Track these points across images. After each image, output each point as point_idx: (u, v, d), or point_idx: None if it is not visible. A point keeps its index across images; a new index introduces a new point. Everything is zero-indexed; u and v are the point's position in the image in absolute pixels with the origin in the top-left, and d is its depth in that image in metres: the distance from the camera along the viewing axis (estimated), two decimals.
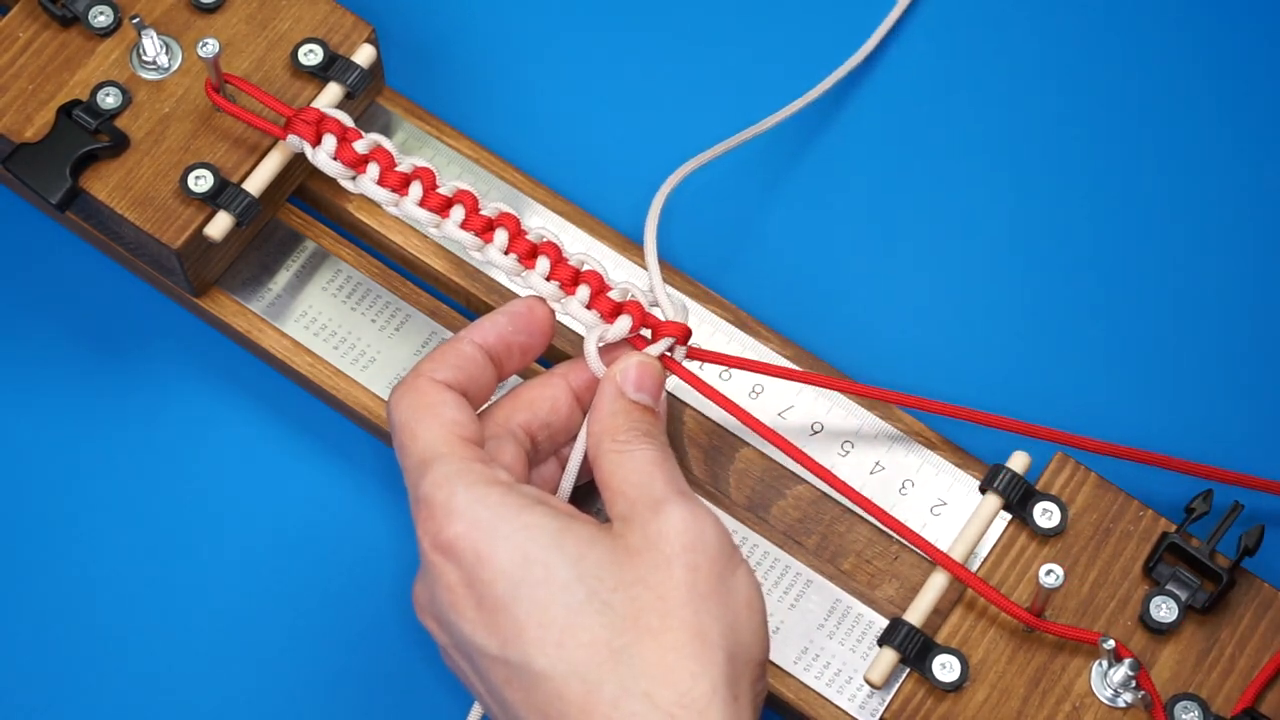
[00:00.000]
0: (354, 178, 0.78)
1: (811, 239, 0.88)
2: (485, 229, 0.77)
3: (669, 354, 0.76)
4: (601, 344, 0.75)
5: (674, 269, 0.85)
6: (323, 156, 0.78)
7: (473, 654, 0.68)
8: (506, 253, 0.76)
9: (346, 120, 0.79)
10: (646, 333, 0.76)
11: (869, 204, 0.88)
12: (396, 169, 0.78)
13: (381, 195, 0.78)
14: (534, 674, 0.66)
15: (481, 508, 0.68)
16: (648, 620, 0.66)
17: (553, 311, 0.76)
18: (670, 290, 0.78)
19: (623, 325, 0.76)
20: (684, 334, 0.76)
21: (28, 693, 0.80)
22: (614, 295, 0.76)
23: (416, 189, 0.77)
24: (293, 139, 0.79)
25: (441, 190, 0.77)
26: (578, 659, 0.66)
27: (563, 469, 0.76)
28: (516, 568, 0.67)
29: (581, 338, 0.78)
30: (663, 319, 0.76)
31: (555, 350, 0.83)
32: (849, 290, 0.87)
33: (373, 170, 0.78)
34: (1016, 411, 0.84)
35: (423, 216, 0.77)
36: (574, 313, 0.76)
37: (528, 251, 0.76)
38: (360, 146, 0.78)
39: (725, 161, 0.87)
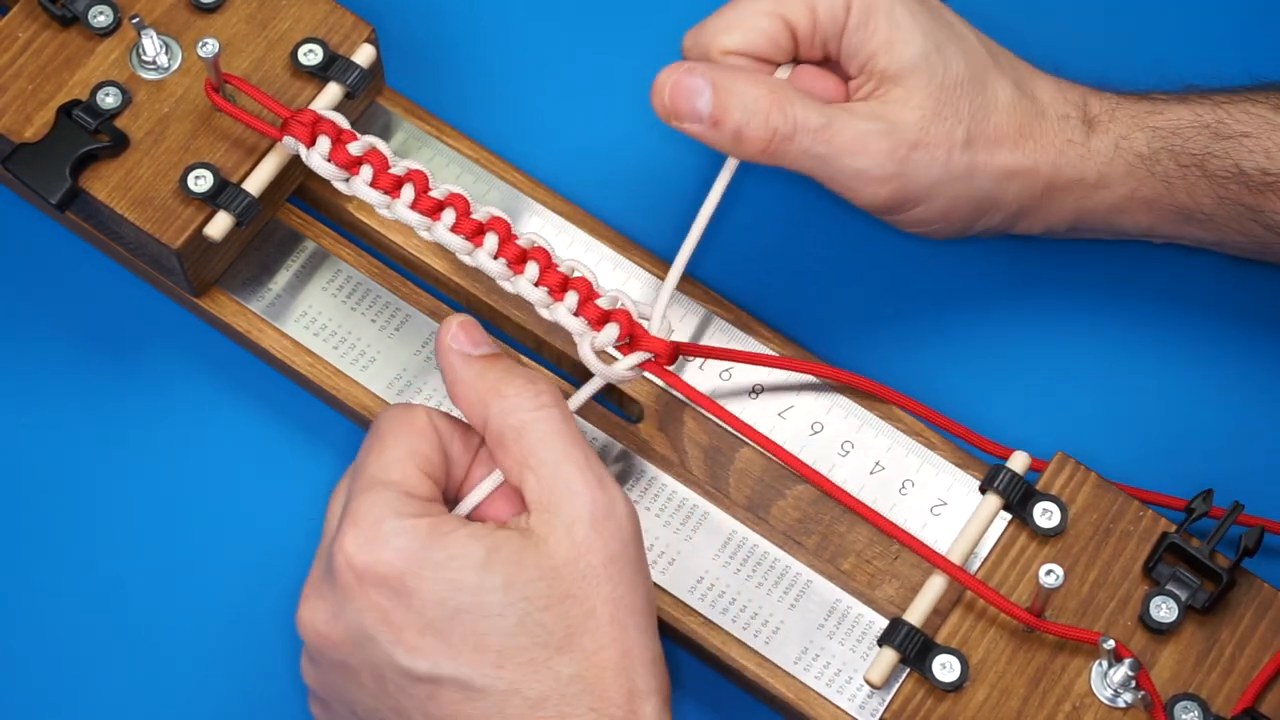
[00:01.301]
0: (347, 179, 0.79)
1: (812, 239, 0.88)
2: (476, 233, 0.77)
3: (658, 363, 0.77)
4: (595, 349, 0.76)
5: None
6: (317, 158, 0.78)
7: (389, 672, 0.68)
8: (496, 257, 0.77)
9: (342, 122, 0.79)
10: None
11: None
12: (390, 171, 0.78)
13: (374, 197, 0.78)
14: (473, 690, 0.67)
15: (409, 537, 0.68)
16: (581, 640, 0.67)
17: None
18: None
19: (610, 333, 0.76)
20: (669, 352, 0.77)
21: (27, 692, 0.80)
22: (602, 303, 0.76)
23: (409, 192, 0.77)
24: (288, 140, 0.79)
25: (434, 194, 0.77)
26: (517, 679, 0.67)
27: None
28: (447, 597, 0.67)
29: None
30: (651, 332, 0.77)
31: (555, 349, 0.83)
32: (850, 290, 0.87)
33: (366, 172, 0.78)
34: (1016, 411, 0.84)
35: (414, 219, 0.77)
36: (561, 319, 0.76)
37: (517, 257, 0.77)
38: (354, 148, 0.78)
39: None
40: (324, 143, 0.79)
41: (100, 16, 0.83)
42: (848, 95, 0.80)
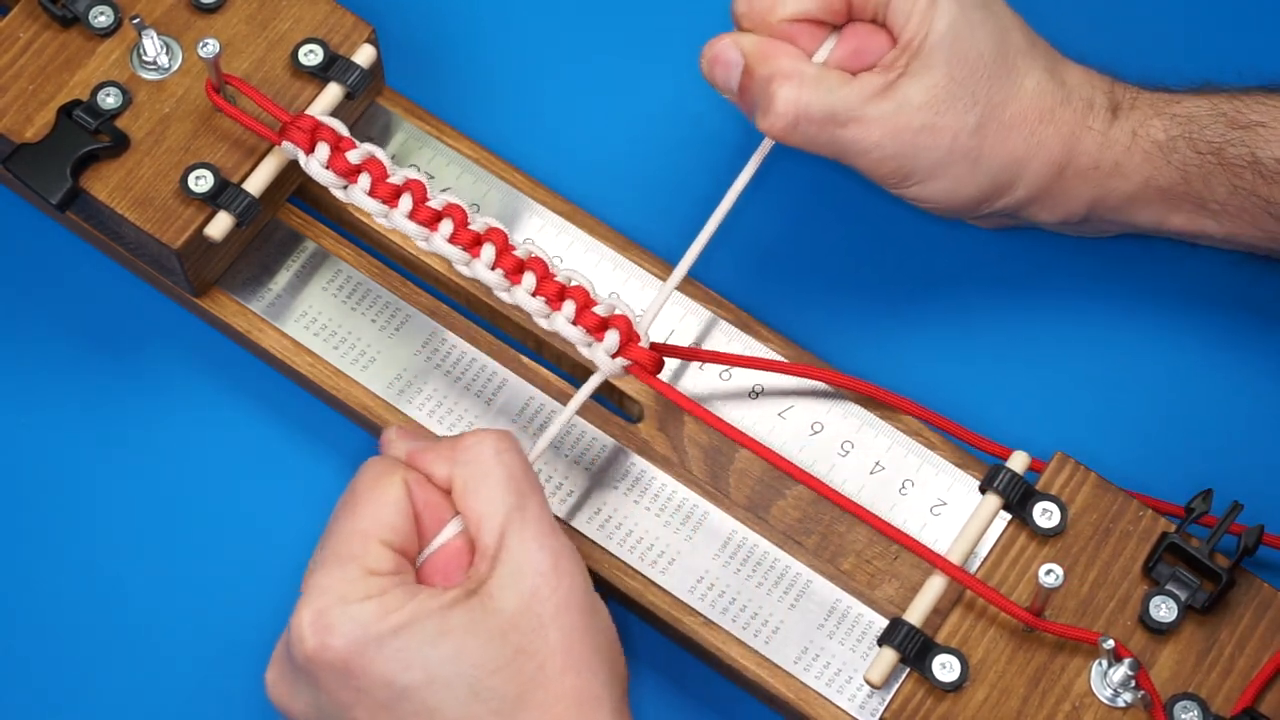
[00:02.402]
0: (345, 187, 0.79)
1: (813, 239, 0.88)
2: (473, 243, 0.77)
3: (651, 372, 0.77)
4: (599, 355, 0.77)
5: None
6: (315, 165, 0.78)
7: None
8: (493, 268, 0.77)
9: (341, 129, 0.79)
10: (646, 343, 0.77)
11: (870, 203, 0.88)
12: (388, 180, 0.78)
13: (372, 206, 0.78)
14: None
15: (356, 624, 0.68)
16: (534, 696, 0.67)
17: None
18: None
19: (611, 340, 0.76)
20: (652, 362, 0.77)
21: (26, 692, 0.80)
22: (599, 310, 0.77)
23: (406, 201, 0.78)
24: (287, 146, 0.79)
25: (432, 204, 0.77)
26: None
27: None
28: (396, 676, 0.68)
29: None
30: (641, 341, 0.77)
31: (555, 350, 0.83)
32: (850, 290, 0.87)
33: (364, 181, 0.78)
34: (1016, 411, 0.84)
35: (411, 230, 0.77)
36: (560, 329, 0.76)
37: (514, 267, 0.77)
38: (353, 157, 0.78)
39: (726, 161, 0.87)
40: (323, 150, 0.79)
41: (101, 17, 0.83)
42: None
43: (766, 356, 0.83)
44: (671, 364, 0.83)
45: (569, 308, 0.77)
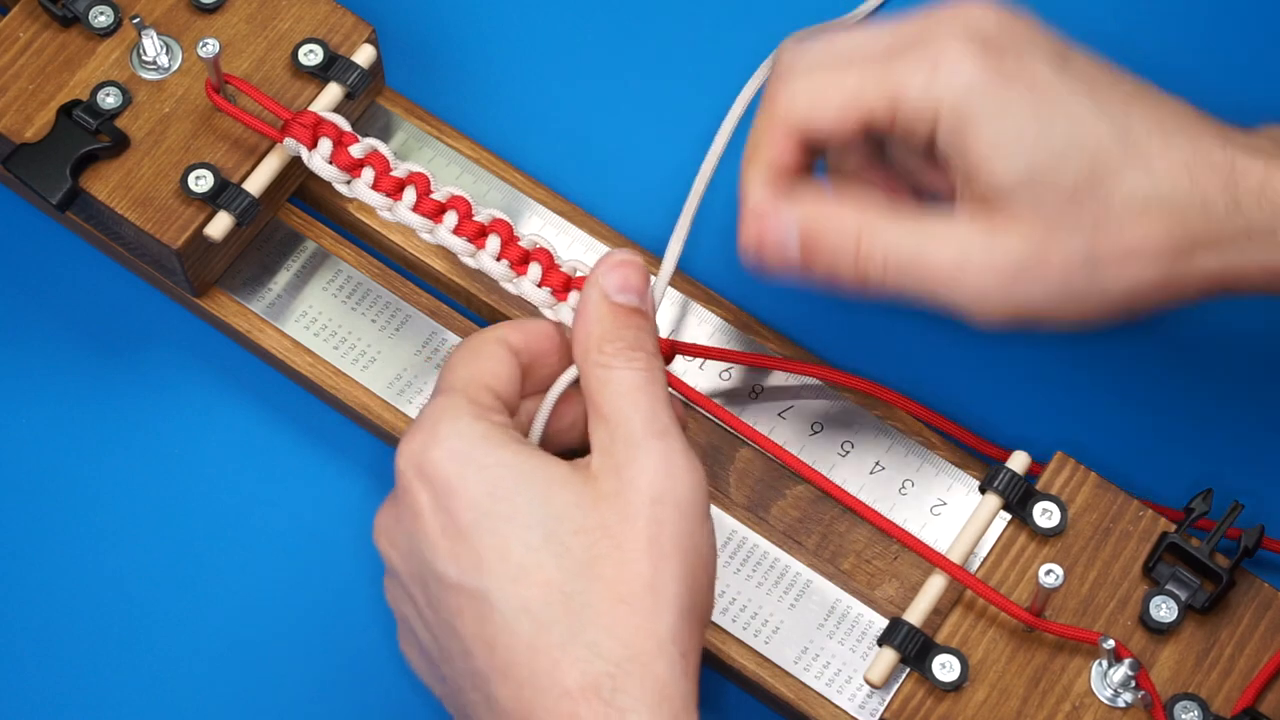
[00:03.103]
0: (349, 182, 0.79)
1: None
2: (478, 235, 0.77)
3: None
4: None
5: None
6: (318, 160, 0.79)
7: (429, 580, 0.68)
8: (498, 259, 0.77)
9: (343, 124, 0.79)
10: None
11: None
12: (391, 174, 0.78)
13: (376, 200, 0.78)
14: (489, 605, 0.66)
15: (462, 440, 0.68)
16: (602, 569, 0.66)
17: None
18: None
19: None
20: (665, 350, 0.77)
21: (26, 691, 0.80)
22: None
23: (410, 194, 0.78)
24: (289, 142, 0.79)
25: (435, 196, 0.78)
26: (531, 597, 0.66)
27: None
28: (484, 499, 0.67)
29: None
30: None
31: None
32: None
33: (367, 175, 0.78)
34: (1015, 412, 0.84)
35: (416, 222, 0.77)
36: (566, 319, 0.76)
37: (520, 258, 0.77)
38: (356, 151, 0.78)
39: (726, 161, 0.87)
40: (325, 145, 0.79)
41: (101, 17, 0.83)
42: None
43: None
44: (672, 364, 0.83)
45: (575, 297, 0.77)
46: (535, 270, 0.77)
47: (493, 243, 0.77)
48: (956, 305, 0.72)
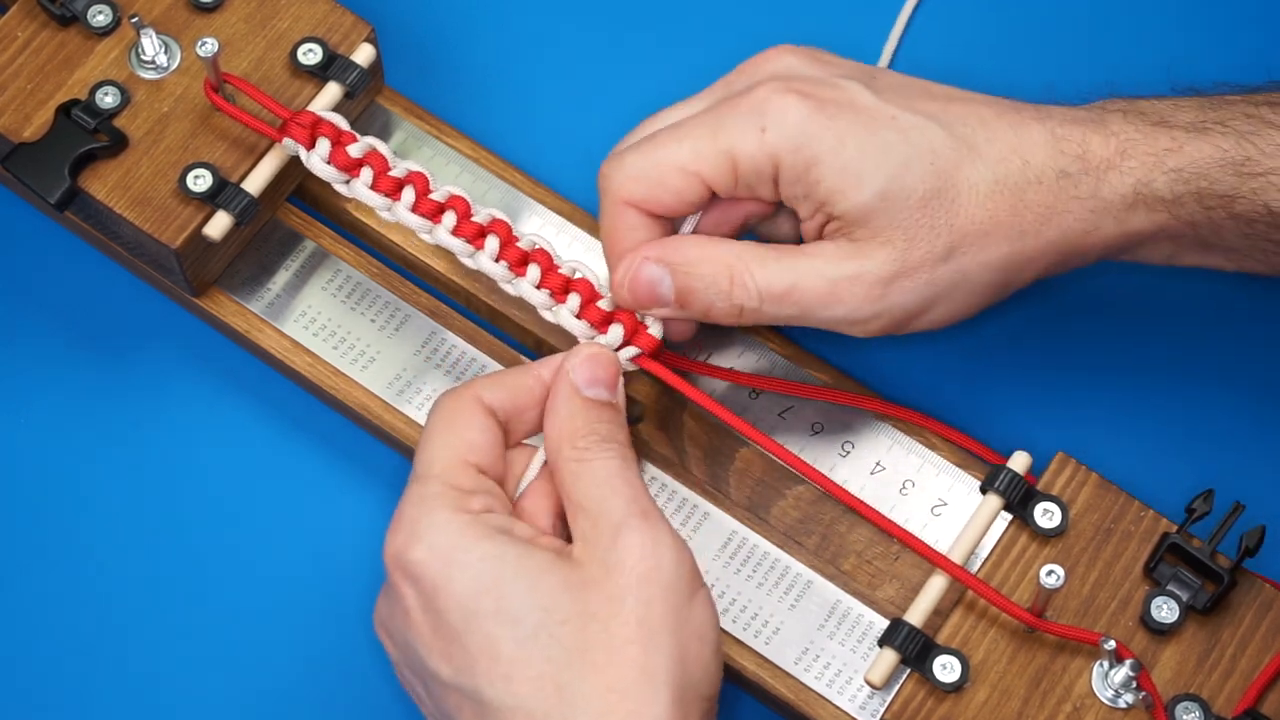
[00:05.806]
0: (347, 182, 0.79)
1: None
2: (477, 235, 0.77)
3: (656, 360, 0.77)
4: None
5: None
6: (316, 160, 0.78)
7: (426, 678, 0.69)
8: (497, 260, 0.77)
9: (342, 124, 0.79)
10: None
11: None
12: (390, 174, 0.78)
13: (375, 200, 0.78)
14: (484, 703, 0.67)
15: (442, 535, 0.68)
16: (593, 656, 0.67)
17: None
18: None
19: (615, 334, 0.76)
20: (652, 347, 0.76)
21: (26, 691, 0.80)
22: (604, 304, 0.76)
23: (409, 194, 0.77)
24: (288, 142, 0.79)
25: (435, 196, 0.77)
26: (524, 694, 0.67)
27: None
28: (469, 598, 0.67)
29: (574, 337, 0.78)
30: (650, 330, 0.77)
31: (555, 348, 0.83)
32: None
33: (366, 175, 0.78)
34: (1017, 411, 0.84)
35: (415, 222, 0.77)
36: (564, 322, 0.76)
37: (519, 259, 0.77)
38: (354, 151, 0.78)
39: None
40: (324, 145, 0.79)
41: (99, 16, 0.83)
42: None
43: (766, 356, 0.82)
44: None
45: (574, 301, 0.76)
46: (534, 272, 0.76)
47: (491, 243, 0.77)
48: (834, 323, 0.75)
